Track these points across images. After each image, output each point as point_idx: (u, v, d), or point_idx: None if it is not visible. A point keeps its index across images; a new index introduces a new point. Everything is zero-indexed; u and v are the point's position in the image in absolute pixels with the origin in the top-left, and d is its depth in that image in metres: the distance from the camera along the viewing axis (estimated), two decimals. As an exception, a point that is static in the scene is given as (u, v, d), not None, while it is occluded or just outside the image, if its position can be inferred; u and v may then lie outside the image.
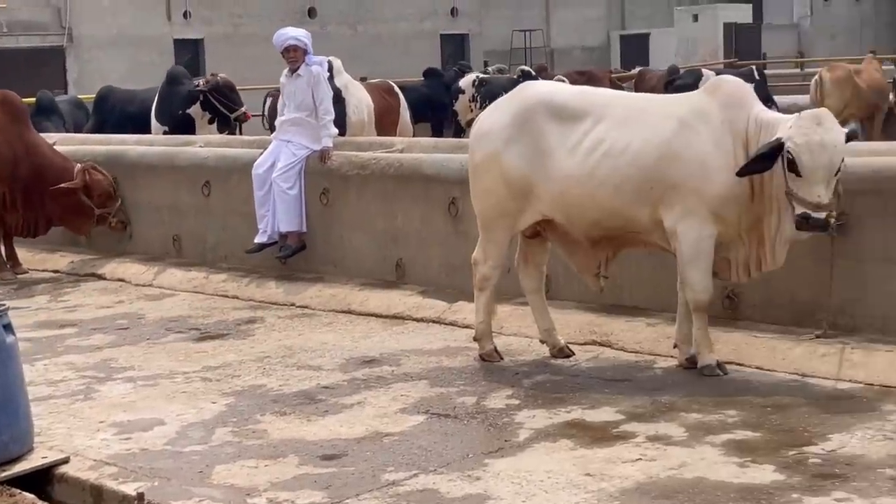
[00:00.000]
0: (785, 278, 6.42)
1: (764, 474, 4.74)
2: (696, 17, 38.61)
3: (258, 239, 9.03)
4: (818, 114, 5.87)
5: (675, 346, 6.41)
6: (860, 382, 5.88)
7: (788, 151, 5.71)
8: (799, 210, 5.73)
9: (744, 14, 39.82)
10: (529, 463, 4.99)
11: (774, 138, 5.80)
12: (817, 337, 6.30)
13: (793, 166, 5.72)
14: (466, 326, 7.23)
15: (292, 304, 8.47)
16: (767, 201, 5.94)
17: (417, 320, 7.73)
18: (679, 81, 14.69)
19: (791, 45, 41.78)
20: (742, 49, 35.05)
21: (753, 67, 16.81)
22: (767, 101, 12.10)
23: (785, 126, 5.82)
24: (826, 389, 5.84)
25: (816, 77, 15.05)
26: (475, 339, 6.73)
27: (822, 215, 5.70)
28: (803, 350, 6.22)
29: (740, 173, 5.87)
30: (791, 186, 5.76)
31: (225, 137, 11.94)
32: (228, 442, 5.47)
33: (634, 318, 6.96)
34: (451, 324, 7.54)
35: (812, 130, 5.73)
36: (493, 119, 6.54)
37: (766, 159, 5.80)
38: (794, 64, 31.99)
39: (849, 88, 14.49)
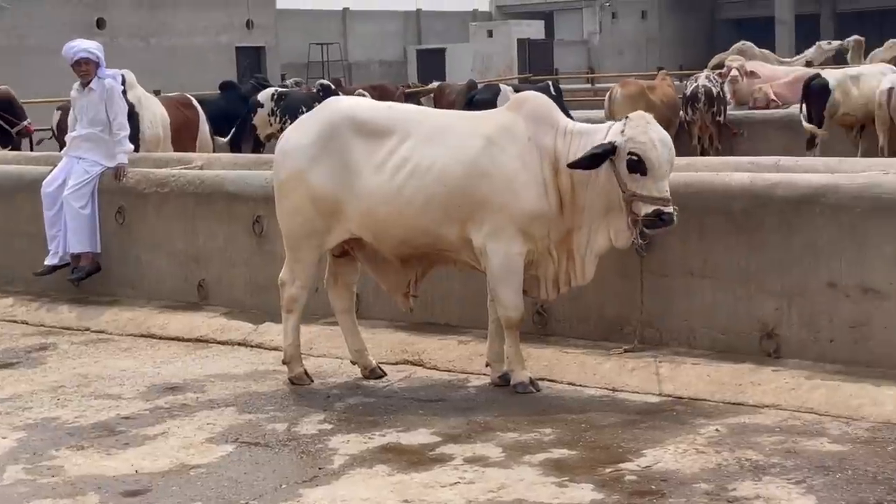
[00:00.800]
0: (594, 293, 6.47)
1: (583, 493, 4.72)
2: (490, 33, 39.38)
3: (49, 261, 8.67)
4: (644, 115, 5.94)
5: (487, 365, 6.36)
6: (669, 396, 5.95)
7: (632, 152, 5.73)
8: (648, 210, 5.75)
9: (536, 30, 40.89)
10: (345, 491, 4.84)
11: (607, 142, 5.80)
12: (626, 351, 6.37)
13: (638, 166, 5.74)
14: (275, 349, 7.02)
15: (87, 329, 8.10)
16: (578, 216, 5.95)
17: (222, 343, 7.48)
18: (478, 97, 14.78)
19: (581, 60, 43.12)
20: (535, 64, 35.91)
21: (550, 82, 17.08)
22: (565, 114, 12.25)
23: (612, 131, 5.85)
24: (637, 404, 5.89)
25: (610, 92, 15.37)
26: (284, 362, 6.54)
27: (671, 209, 5.75)
28: (613, 364, 6.27)
29: (571, 165, 5.83)
30: (633, 188, 5.77)
31: (8, 154, 11.37)
32: (21, 480, 5.13)
33: (446, 336, 6.90)
34: (258, 346, 7.33)
35: (648, 128, 5.81)
36: (297, 136, 6.37)
37: (596, 158, 5.77)
38: (586, 79, 32.88)
39: (642, 103, 14.79)
